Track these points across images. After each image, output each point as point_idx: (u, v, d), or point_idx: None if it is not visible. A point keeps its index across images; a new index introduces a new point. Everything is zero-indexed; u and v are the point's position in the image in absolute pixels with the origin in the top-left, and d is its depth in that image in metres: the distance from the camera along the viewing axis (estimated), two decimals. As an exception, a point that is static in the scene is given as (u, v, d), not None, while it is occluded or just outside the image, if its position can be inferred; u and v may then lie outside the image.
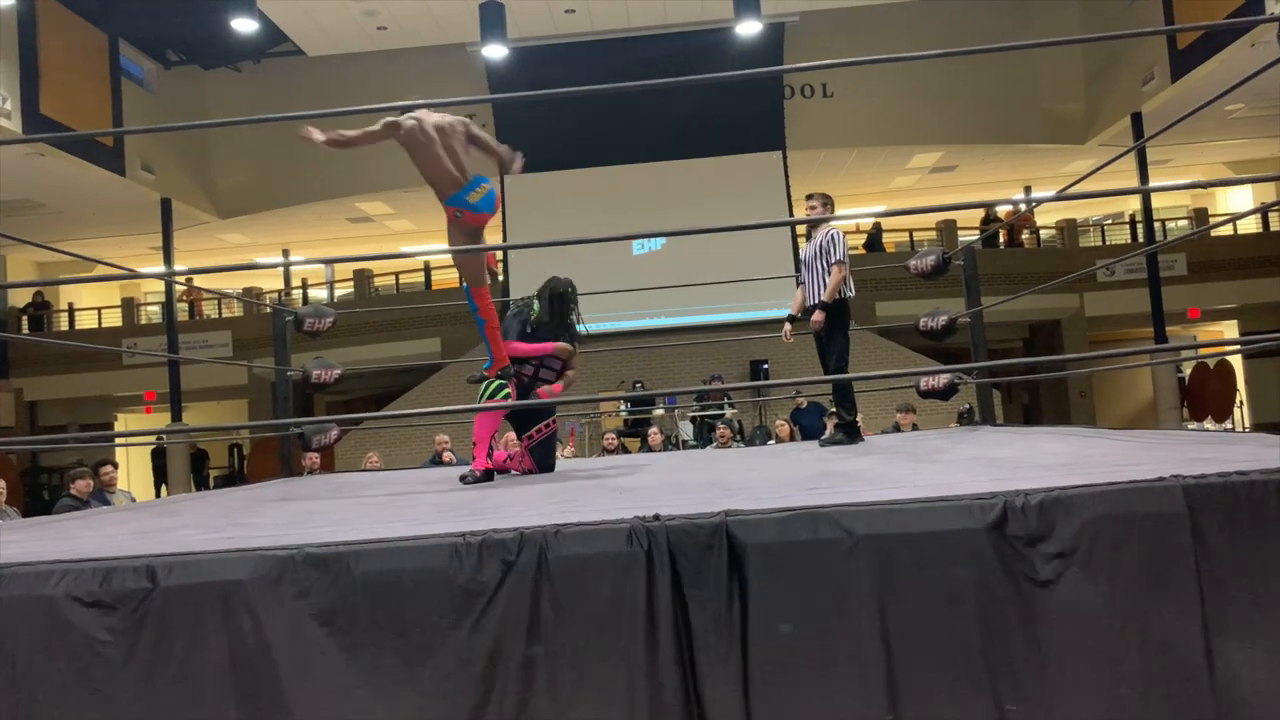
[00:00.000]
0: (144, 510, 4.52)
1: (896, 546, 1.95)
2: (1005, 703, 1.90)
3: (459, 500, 3.41)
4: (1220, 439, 3.54)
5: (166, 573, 2.02)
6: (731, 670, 1.95)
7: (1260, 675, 1.93)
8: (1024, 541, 1.96)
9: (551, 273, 4.98)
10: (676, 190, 16.84)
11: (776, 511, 2.03)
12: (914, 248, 18.48)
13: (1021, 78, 17.65)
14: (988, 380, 6.48)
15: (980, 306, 5.92)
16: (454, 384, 16.50)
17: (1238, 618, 1.96)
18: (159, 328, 19.00)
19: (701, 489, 3.09)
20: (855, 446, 5.00)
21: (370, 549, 2.05)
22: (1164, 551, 1.96)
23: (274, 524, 2.93)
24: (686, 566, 2.00)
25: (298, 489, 4.92)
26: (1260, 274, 17.66)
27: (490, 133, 19.18)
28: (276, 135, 18.24)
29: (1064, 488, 2.00)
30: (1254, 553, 1.98)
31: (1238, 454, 2.48)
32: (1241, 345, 10.97)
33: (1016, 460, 3.13)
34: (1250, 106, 15.37)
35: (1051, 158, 18.65)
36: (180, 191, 17.21)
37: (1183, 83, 14.08)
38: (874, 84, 17.41)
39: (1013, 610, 1.94)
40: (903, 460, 3.62)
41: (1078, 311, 18.32)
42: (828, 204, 5.54)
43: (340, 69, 16.93)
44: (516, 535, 2.02)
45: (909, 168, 19.61)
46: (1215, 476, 2.02)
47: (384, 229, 21.37)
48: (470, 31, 15.07)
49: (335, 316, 6.23)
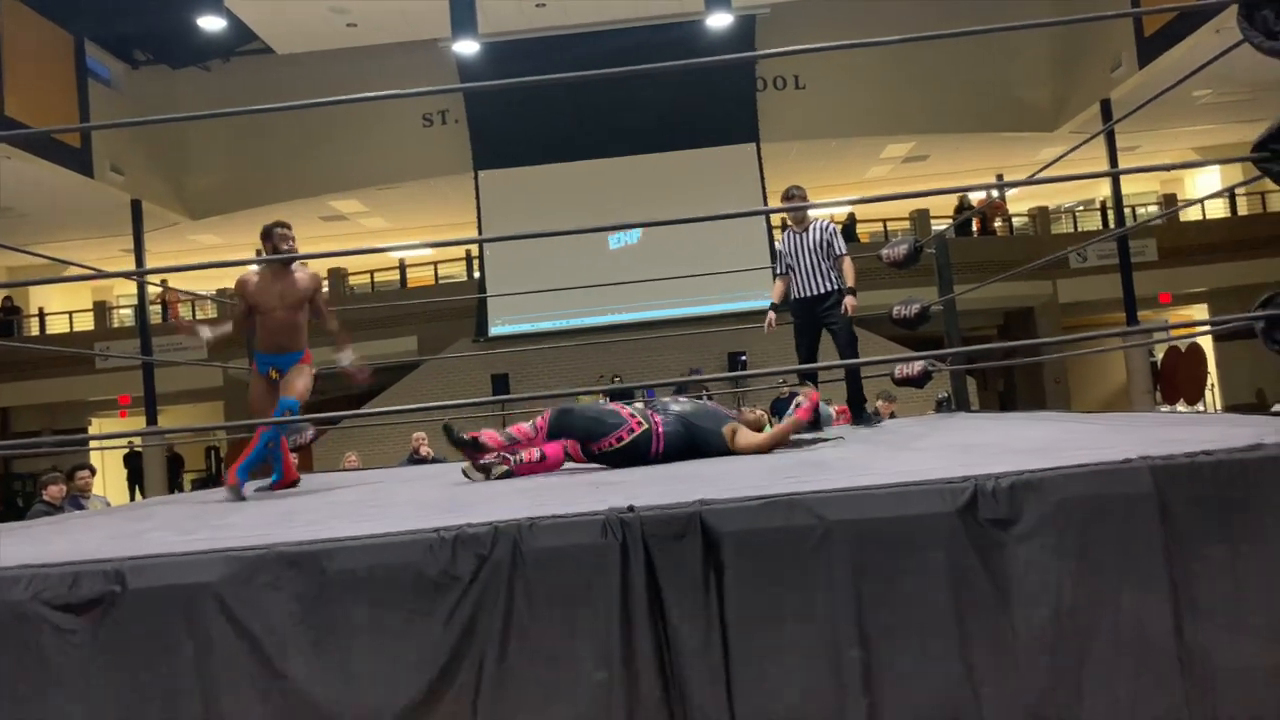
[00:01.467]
0: (116, 514, 4.47)
1: (869, 532, 1.96)
2: (980, 685, 1.92)
3: (435, 497, 3.39)
4: (1189, 420, 3.58)
5: (135, 575, 2.00)
6: (709, 658, 1.95)
7: (1227, 652, 1.95)
8: (995, 524, 1.97)
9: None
10: (651, 184, 16.83)
11: (750, 500, 2.03)
12: (888, 237, 18.56)
13: (992, 67, 17.75)
14: (963, 367, 6.52)
15: (953, 294, 5.96)
16: (432, 382, 16.45)
17: (1205, 595, 1.98)
18: (132, 331, 18.81)
19: (678, 480, 3.09)
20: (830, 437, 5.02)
21: (343, 546, 2.04)
22: (1132, 531, 1.98)
23: (247, 525, 2.91)
24: (661, 556, 2.00)
25: (273, 490, 4.88)
26: (1229, 258, 17.88)
27: (463, 130, 19.05)
28: (247, 134, 18.11)
29: (1033, 471, 2.02)
30: (1221, 531, 2.00)
31: (1205, 435, 2.50)
32: (1212, 326, 11.10)
33: (989, 445, 3.15)
34: (1217, 93, 15.54)
35: (1023, 146, 18.78)
36: (151, 192, 17.04)
37: (1150, 69, 14.21)
38: (846, 75, 17.46)
39: (985, 592, 1.95)
40: (877, 448, 3.64)
41: (1051, 298, 18.47)
42: (806, 199, 5.54)
43: (310, 66, 16.80)
44: (490, 529, 2.02)
45: (882, 158, 19.69)
46: (1182, 457, 2.04)
47: (358, 227, 21.24)
48: (441, 27, 14.97)
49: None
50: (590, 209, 16.11)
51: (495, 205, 17.50)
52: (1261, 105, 14.99)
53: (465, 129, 17.91)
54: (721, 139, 17.34)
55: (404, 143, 18.10)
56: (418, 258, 21.40)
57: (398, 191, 19.04)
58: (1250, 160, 2.59)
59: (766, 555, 1.97)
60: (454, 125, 18.11)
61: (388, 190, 18.98)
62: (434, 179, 18.56)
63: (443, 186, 18.85)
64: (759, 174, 17.46)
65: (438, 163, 18.20)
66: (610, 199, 16.45)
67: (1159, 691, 1.94)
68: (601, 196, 16.63)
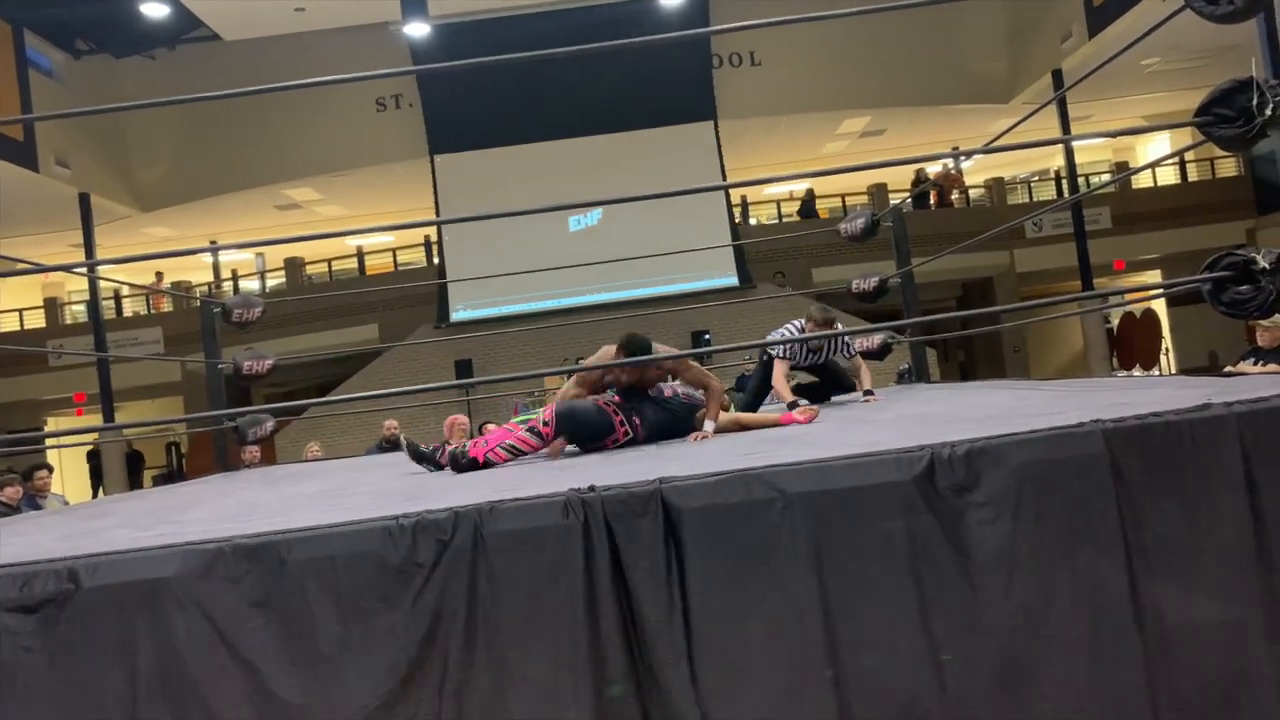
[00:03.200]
0: (74, 513, 4.40)
1: (828, 503, 1.97)
2: (941, 652, 1.94)
3: (397, 486, 3.37)
4: (1142, 384, 3.64)
5: (90, 574, 1.97)
6: (673, 634, 1.96)
7: (1181, 609, 1.99)
8: (952, 491, 1.99)
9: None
10: (609, 165, 16.77)
11: (709, 476, 2.04)
12: (846, 212, 18.65)
13: (945, 40, 17.85)
14: (922, 339, 6.58)
15: (910, 266, 6.00)
16: (395, 369, 16.33)
17: (1159, 554, 2.02)
18: (85, 327, 18.47)
19: (641, 460, 3.10)
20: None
21: (302, 537, 2.02)
22: (1087, 494, 2.01)
23: (206, 519, 2.88)
24: (624, 535, 2.00)
25: (234, 483, 4.83)
26: (1180, 224, 18.20)
27: (417, 114, 18.81)
28: (197, 123, 17.78)
29: (989, 437, 2.04)
30: (1172, 491, 2.04)
31: (1156, 397, 2.54)
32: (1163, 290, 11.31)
33: (947, 415, 3.18)
34: (1165, 60, 15.75)
35: (977, 118, 18.93)
36: (99, 185, 16.69)
37: (1099, 39, 14.37)
38: (801, 51, 17.48)
39: (945, 559, 1.98)
40: (836, 422, 3.67)
41: (1008, 268, 18.69)
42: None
43: (259, 53, 16.51)
44: (451, 514, 2.01)
45: (839, 133, 19.76)
46: (1133, 419, 2.07)
47: (314, 215, 20.98)
48: (391, 10, 14.78)
49: (264, 306, 6.08)
50: (548, 191, 15.98)
51: (452, 189, 17.35)
52: (1208, 72, 15.21)
53: (419, 113, 17.72)
54: (679, 117, 17.30)
55: (358, 128, 17.87)
56: (376, 245, 21.20)
57: (353, 178, 18.82)
58: (1193, 125, 2.63)
59: (727, 530, 1.98)
60: (408, 109, 17.91)
61: (343, 177, 18.74)
62: (389, 164, 18.37)
63: (399, 172, 18.66)
64: (717, 152, 17.46)
65: (393, 148, 18.00)
66: (568, 181, 16.36)
67: (1116, 650, 1.98)
68: (559, 178, 16.54)
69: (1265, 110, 2.46)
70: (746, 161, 19.17)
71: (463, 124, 17.33)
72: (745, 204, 20.39)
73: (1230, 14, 2.50)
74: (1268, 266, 2.54)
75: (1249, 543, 2.01)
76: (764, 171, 19.18)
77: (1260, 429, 2.06)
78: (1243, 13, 2.50)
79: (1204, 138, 2.66)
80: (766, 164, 20.24)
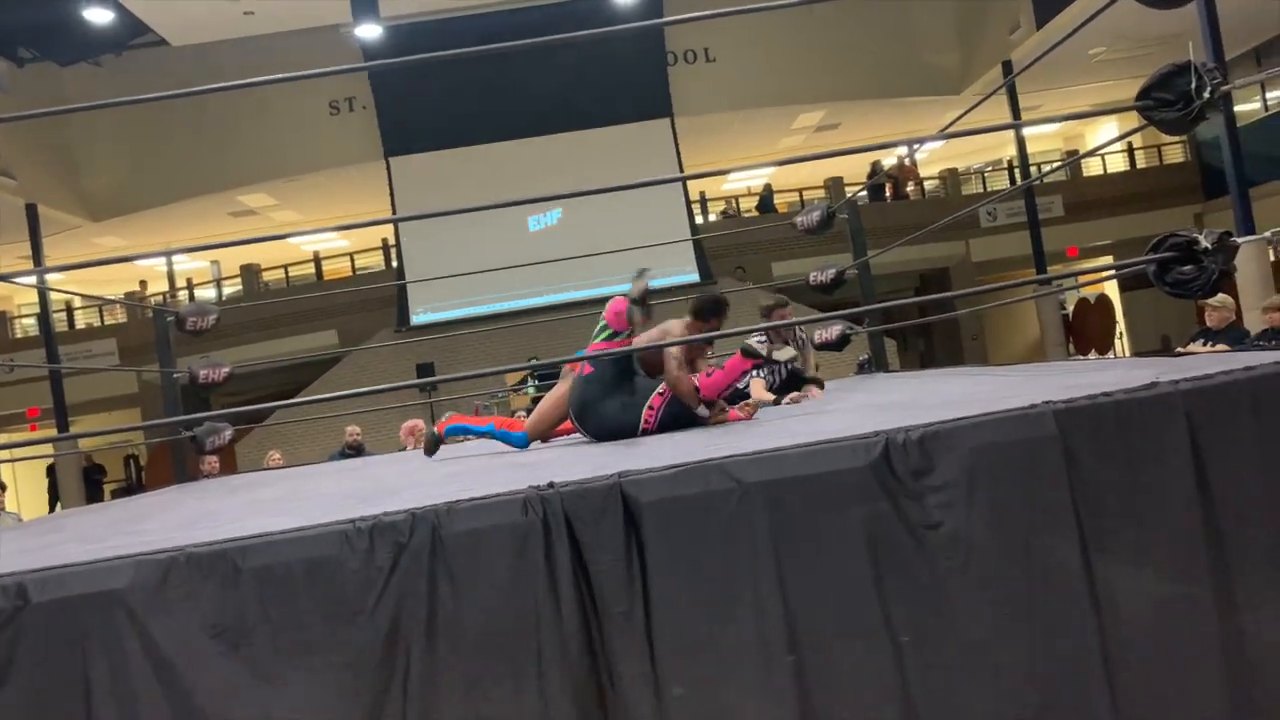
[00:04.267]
0: (27, 529, 4.32)
1: (786, 490, 1.99)
2: (899, 634, 1.96)
3: (356, 489, 3.34)
4: (1093, 366, 3.70)
5: (39, 588, 1.92)
6: (635, 628, 1.96)
7: (1134, 586, 2.02)
8: (908, 475, 2.01)
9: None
10: (567, 163, 16.72)
11: (668, 468, 2.04)
12: (804, 206, 18.78)
13: (897, 32, 18.03)
14: (880, 329, 6.64)
15: (867, 257, 6.05)
16: (355, 374, 16.17)
17: (1112, 532, 2.05)
18: (36, 340, 18.09)
19: (602, 456, 3.09)
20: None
21: (257, 543, 1.99)
22: (1040, 475, 2.04)
23: (162, 530, 2.82)
24: (584, 531, 2.00)
25: (191, 493, 4.76)
26: (1131, 210, 18.52)
27: (371, 116, 18.58)
28: (147, 131, 17.49)
29: (943, 422, 2.06)
30: (1123, 469, 2.07)
31: (1107, 378, 2.58)
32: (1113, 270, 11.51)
33: (904, 402, 3.21)
34: (1111, 49, 16.00)
35: (930, 110, 19.11)
36: (46, 195, 16.33)
37: (1047, 29, 14.59)
38: (755, 46, 17.55)
39: (902, 543, 2.00)
40: (794, 412, 3.69)
41: (964, 258, 18.90)
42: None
43: (208, 58, 16.26)
44: (408, 516, 1.99)
45: (794, 128, 19.87)
46: (1084, 400, 2.11)
47: (269, 221, 20.71)
48: (341, 12, 14.62)
49: (219, 313, 6.00)
50: (506, 191, 15.87)
51: (408, 192, 17.22)
52: (1153, 60, 15.35)
53: (373, 115, 17.57)
54: (635, 115, 17.30)
55: (311, 132, 17.68)
56: (333, 249, 20.97)
57: (308, 182, 18.61)
58: (1135, 109, 2.67)
59: (687, 521, 1.99)
60: (362, 112, 17.75)
61: (297, 181, 18.53)
62: (344, 168, 18.18)
63: (354, 175, 18.48)
64: (674, 148, 17.48)
65: (347, 151, 17.83)
66: (526, 180, 16.26)
67: (1073, 627, 2.01)
68: (517, 178, 16.44)
69: (1203, 93, 2.51)
70: (704, 158, 19.22)
71: (417, 126, 17.20)
72: (704, 200, 20.45)
73: (1168, 0, 2.55)
74: (1210, 247, 2.59)
75: (1197, 518, 2.05)
76: (723, 165, 19.24)
77: (1206, 406, 2.11)
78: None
79: (1145, 121, 2.70)
80: (723, 160, 20.30)
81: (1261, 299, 7.93)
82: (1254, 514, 2.08)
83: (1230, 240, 2.62)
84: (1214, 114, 2.58)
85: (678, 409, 3.62)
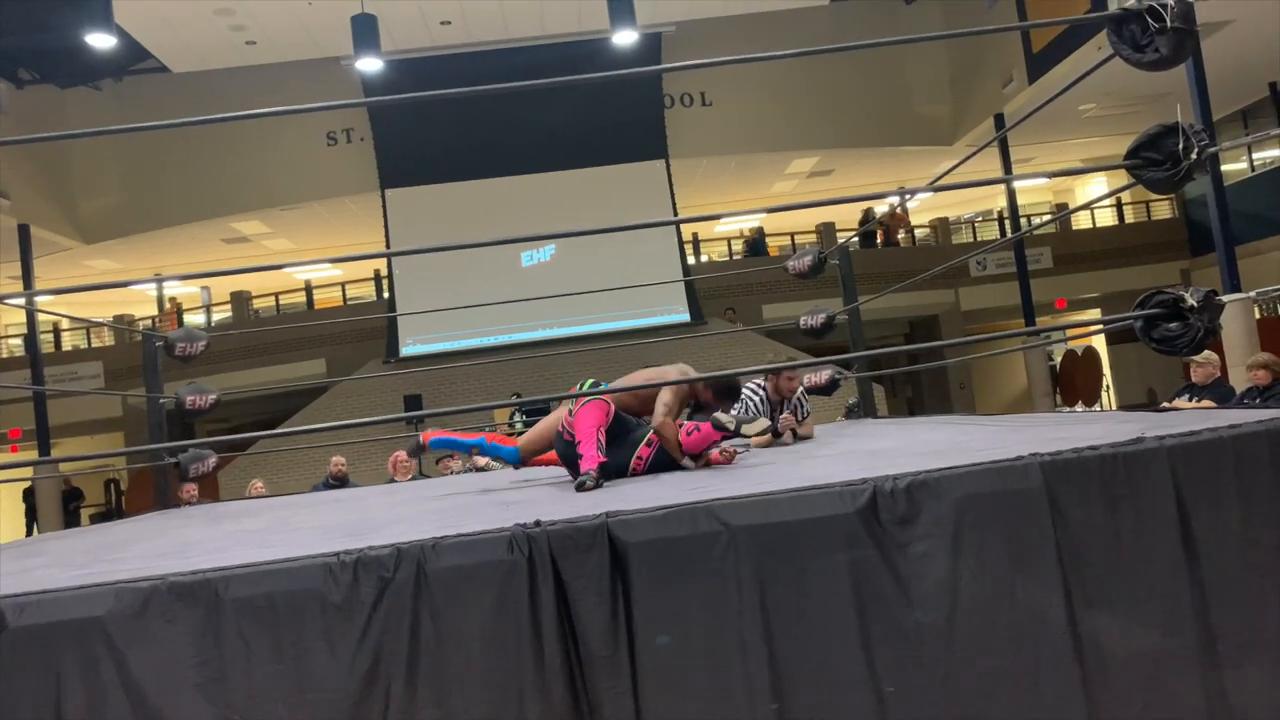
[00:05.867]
0: (5, 552, 4.26)
1: (773, 535, 1.99)
2: (884, 684, 1.95)
3: (341, 521, 3.32)
4: (1080, 419, 3.72)
5: (17, 614, 1.90)
6: (619, 669, 1.95)
7: (1118, 637, 2.03)
8: (895, 524, 2.02)
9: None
10: (562, 201, 16.83)
11: (655, 509, 2.04)
12: (795, 250, 18.92)
13: (891, 83, 18.28)
14: (869, 374, 6.67)
15: (857, 303, 6.09)
16: (342, 405, 16.11)
17: (1095, 584, 2.06)
18: (21, 361, 17.99)
19: (585, 496, 3.09)
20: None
21: (240, 574, 1.98)
22: (1025, 526, 2.05)
23: (142, 557, 2.80)
24: (569, 570, 1.99)
25: (174, 521, 4.72)
26: (1118, 264, 18.74)
27: (368, 148, 18.63)
28: (143, 155, 17.54)
29: (930, 471, 2.07)
30: (1107, 522, 2.09)
31: (1093, 432, 2.60)
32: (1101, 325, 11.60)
33: (892, 450, 3.22)
34: (1101, 106, 16.26)
35: (922, 160, 19.35)
36: (39, 216, 16.34)
37: (1039, 84, 14.80)
38: (751, 92, 17.77)
39: (887, 591, 2.00)
40: (783, 455, 3.69)
41: (954, 306, 19.03)
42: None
43: (208, 85, 16.37)
44: (393, 551, 1.98)
45: (788, 173, 20.06)
46: (1070, 453, 2.12)
47: (262, 249, 20.73)
48: (343, 45, 14.74)
49: (208, 340, 5.99)
50: (500, 227, 16.00)
51: (403, 224, 17.27)
52: (1142, 118, 15.63)
53: (371, 147, 17.66)
54: (631, 156, 17.44)
55: (308, 162, 17.76)
56: (325, 279, 20.99)
57: (302, 211, 18.65)
58: (1123, 167, 2.72)
59: (673, 563, 1.98)
60: (359, 144, 17.85)
61: (292, 210, 18.58)
62: (340, 198, 18.25)
63: (349, 206, 18.54)
64: (669, 190, 17.61)
65: (343, 182, 17.90)
66: (520, 217, 16.38)
67: (1056, 679, 2.01)
68: (511, 214, 16.55)
69: (1191, 154, 2.55)
70: (698, 199, 19.37)
71: (414, 158, 17.29)
72: (696, 241, 20.59)
73: (1156, 62, 2.60)
74: (1195, 305, 2.62)
75: (1181, 573, 2.06)
76: (715, 209, 19.39)
77: (1191, 462, 2.13)
78: (1167, 61, 2.60)
79: (1134, 179, 2.75)
80: (717, 202, 20.48)
81: (1246, 355, 8.00)
82: (1237, 569, 2.09)
83: (1216, 299, 2.66)
84: (1201, 175, 2.63)
85: (665, 457, 3.62)
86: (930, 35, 6.21)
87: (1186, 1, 2.51)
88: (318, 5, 14.27)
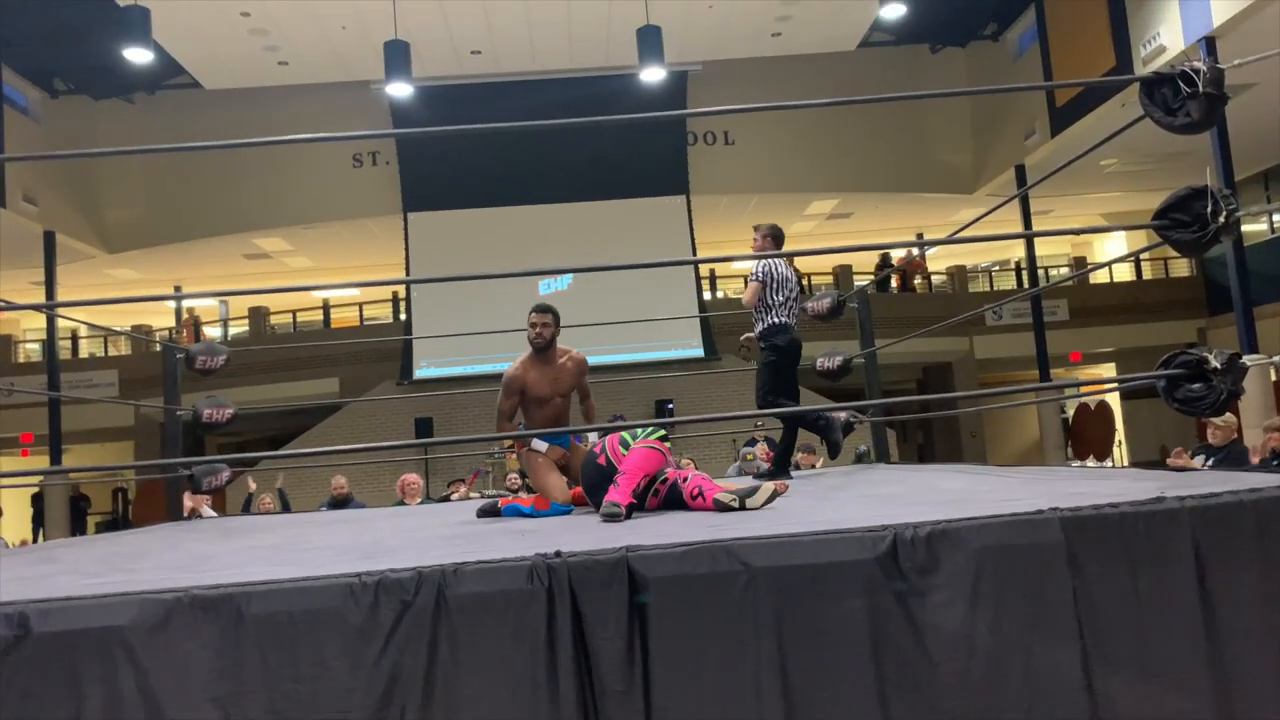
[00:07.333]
0: (18, 557, 4.29)
1: (792, 578, 1.99)
2: (898, 731, 1.95)
3: (357, 543, 3.34)
4: (1097, 474, 3.71)
5: (40, 619, 1.92)
6: (633, 705, 1.95)
7: (1132, 699, 2.02)
8: (915, 572, 2.02)
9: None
10: (582, 232, 16.95)
11: (676, 546, 2.05)
12: (812, 292, 18.95)
13: (914, 130, 18.41)
14: (883, 419, 6.67)
15: (874, 348, 6.10)
16: (354, 424, 16.15)
17: (1113, 641, 2.05)
18: (39, 366, 18.13)
19: (605, 528, 3.10)
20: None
21: (262, 590, 1.99)
22: (1044, 580, 2.05)
23: (159, 569, 2.82)
24: (588, 602, 2.00)
25: (185, 533, 4.74)
26: (1135, 320, 18.70)
27: (393, 171, 18.86)
28: (169, 168, 17.77)
29: (950, 520, 2.08)
30: (1127, 580, 2.09)
31: (1111, 488, 2.61)
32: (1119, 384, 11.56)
33: (908, 496, 3.23)
34: (1123, 162, 16.32)
35: (942, 207, 19.43)
36: (65, 224, 16.54)
37: (1062, 137, 14.88)
38: (773, 133, 17.93)
39: (904, 640, 2.00)
40: (800, 498, 3.69)
41: (968, 354, 19.02)
42: (769, 236, 5.20)
43: (239, 102, 16.61)
44: (414, 574, 2.00)
45: (807, 214, 20.16)
46: (1090, 509, 2.13)
47: (282, 266, 20.90)
48: (374, 69, 14.96)
49: (228, 354, 6.05)
50: (520, 255, 16.13)
51: (424, 248, 17.41)
52: (1163, 175, 15.78)
53: (395, 170, 17.84)
54: (652, 190, 17.57)
55: (333, 182, 17.95)
56: (343, 298, 21.13)
57: (325, 231, 18.82)
58: (1151, 227, 2.74)
59: (691, 601, 1.99)
60: (384, 167, 18.04)
61: (314, 229, 18.75)
62: (362, 219, 18.42)
63: (371, 227, 18.70)
64: (688, 225, 17.73)
65: (366, 203, 18.08)
66: (540, 245, 16.50)
67: (1069, 738, 2.00)
68: (531, 242, 16.67)
69: (1219, 217, 2.57)
70: (717, 235, 19.47)
71: (438, 183, 17.46)
72: (714, 277, 20.66)
73: (1187, 125, 2.63)
74: (1219, 366, 2.63)
75: (1199, 635, 2.06)
76: (734, 247, 19.47)
77: (1211, 524, 2.13)
78: (1198, 125, 2.63)
79: (1160, 239, 2.77)
80: (736, 239, 20.54)
81: (1263, 417, 7.97)
82: (1256, 634, 2.08)
83: (1240, 362, 2.67)
84: (1228, 238, 2.65)
85: (676, 494, 3.62)
86: (959, 90, 6.26)
87: (1218, 68, 2.55)
88: (351, 30, 14.50)
